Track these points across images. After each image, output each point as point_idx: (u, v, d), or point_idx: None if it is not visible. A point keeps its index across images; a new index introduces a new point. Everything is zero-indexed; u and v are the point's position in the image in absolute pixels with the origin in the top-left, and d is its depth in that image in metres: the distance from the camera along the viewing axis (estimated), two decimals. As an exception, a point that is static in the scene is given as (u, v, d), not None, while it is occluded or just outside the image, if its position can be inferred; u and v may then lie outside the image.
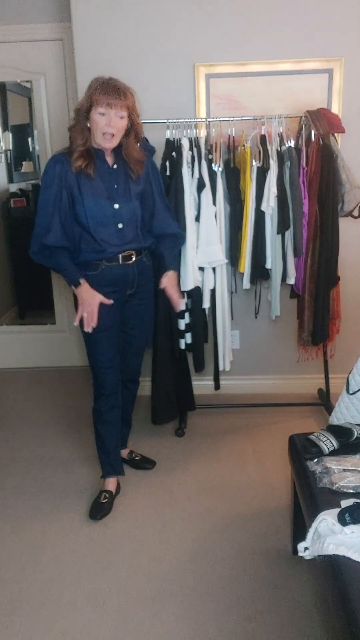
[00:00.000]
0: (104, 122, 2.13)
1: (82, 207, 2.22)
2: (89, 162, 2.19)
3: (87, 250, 2.28)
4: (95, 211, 2.22)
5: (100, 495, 2.49)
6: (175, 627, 1.85)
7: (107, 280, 2.32)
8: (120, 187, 2.27)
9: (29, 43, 3.53)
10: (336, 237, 2.86)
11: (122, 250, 2.31)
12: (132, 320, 2.49)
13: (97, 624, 1.88)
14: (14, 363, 4.10)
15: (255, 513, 2.41)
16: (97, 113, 2.12)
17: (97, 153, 2.23)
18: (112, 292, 2.35)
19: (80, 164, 2.17)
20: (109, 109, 2.11)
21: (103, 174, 2.24)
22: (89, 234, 2.25)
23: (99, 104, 2.11)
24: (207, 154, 2.78)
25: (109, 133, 2.15)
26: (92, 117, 2.14)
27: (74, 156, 2.18)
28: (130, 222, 2.31)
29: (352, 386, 2.10)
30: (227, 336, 2.98)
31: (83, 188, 2.21)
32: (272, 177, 2.70)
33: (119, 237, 2.29)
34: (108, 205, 2.24)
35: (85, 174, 2.19)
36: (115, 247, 2.29)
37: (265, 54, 2.99)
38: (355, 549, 1.43)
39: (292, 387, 3.46)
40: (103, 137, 2.16)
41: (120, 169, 2.28)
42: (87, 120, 2.16)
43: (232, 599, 1.95)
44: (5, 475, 2.78)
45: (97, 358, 2.40)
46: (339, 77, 2.99)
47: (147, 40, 3.01)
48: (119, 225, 2.27)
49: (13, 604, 1.98)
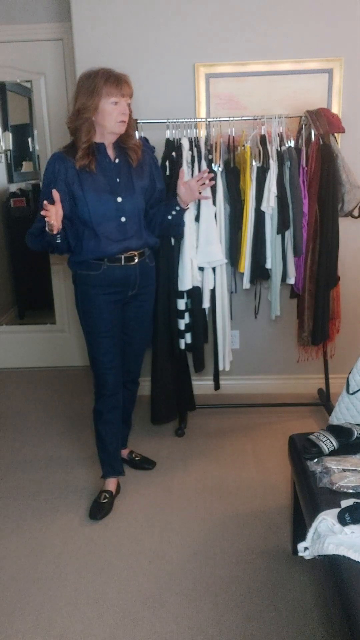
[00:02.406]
0: (118, 111, 2.18)
1: (84, 203, 2.22)
2: (92, 159, 2.21)
3: (88, 248, 2.27)
4: (97, 206, 2.23)
5: (100, 496, 2.49)
6: (175, 627, 1.85)
7: (108, 280, 2.32)
8: (123, 180, 2.28)
9: (29, 43, 3.53)
10: (336, 237, 2.86)
11: (123, 248, 2.30)
12: (133, 321, 2.48)
13: (97, 624, 1.88)
14: (14, 363, 4.10)
15: (255, 513, 2.41)
16: (110, 103, 2.16)
17: (99, 148, 2.25)
18: (114, 293, 2.35)
19: (86, 162, 2.19)
20: (122, 98, 2.17)
21: (105, 169, 2.25)
22: (91, 229, 2.25)
23: (112, 95, 2.15)
24: (207, 154, 2.78)
25: (122, 120, 2.20)
26: (102, 109, 2.16)
27: (78, 154, 2.20)
28: (133, 215, 2.30)
29: (352, 386, 2.10)
30: (227, 336, 2.98)
31: (85, 184, 2.21)
32: (272, 177, 2.70)
33: (121, 230, 2.28)
34: (111, 199, 2.24)
35: (87, 170, 2.21)
36: (116, 243, 2.28)
37: (265, 54, 3.00)
38: (355, 549, 1.43)
39: (292, 387, 3.46)
40: (118, 124, 2.20)
41: (123, 163, 2.30)
42: (95, 115, 2.18)
43: (232, 599, 1.95)
44: (5, 475, 2.78)
45: (98, 359, 2.40)
46: (339, 77, 2.99)
47: (147, 40, 3.01)
48: (121, 218, 2.27)
49: (13, 604, 1.98)
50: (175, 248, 2.77)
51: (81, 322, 2.44)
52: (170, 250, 2.77)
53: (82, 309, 2.39)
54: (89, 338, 2.39)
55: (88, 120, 2.19)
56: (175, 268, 2.79)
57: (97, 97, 2.16)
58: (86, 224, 2.25)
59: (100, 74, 2.18)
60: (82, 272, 2.33)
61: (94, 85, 2.16)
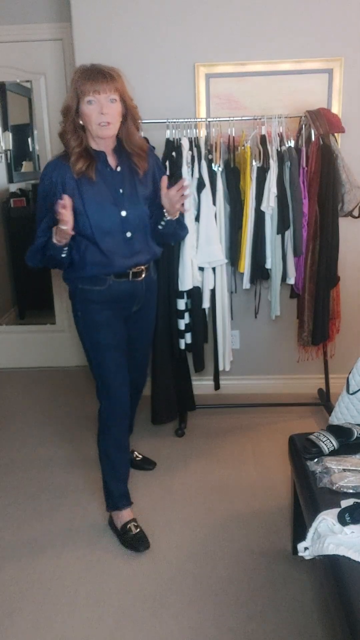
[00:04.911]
0: (96, 111, 1.92)
1: (85, 217, 2.01)
2: (90, 163, 1.99)
3: (94, 264, 2.07)
4: (99, 219, 2.02)
5: (128, 528, 2.24)
6: (175, 627, 1.85)
7: (113, 296, 2.14)
8: (127, 191, 2.07)
9: (29, 43, 3.53)
10: (336, 237, 2.86)
11: (131, 263, 2.12)
12: (136, 336, 2.33)
13: (97, 624, 1.88)
14: (14, 363, 4.10)
15: (255, 513, 2.40)
16: (86, 103, 1.91)
17: (98, 155, 2.03)
18: (118, 309, 2.18)
19: (81, 166, 1.97)
20: (97, 95, 1.90)
21: (106, 178, 2.04)
22: (94, 244, 2.05)
23: (86, 94, 1.89)
24: (207, 154, 2.78)
25: (104, 122, 1.93)
26: (82, 111, 1.93)
27: (72, 159, 1.98)
28: (139, 229, 2.11)
29: (352, 386, 2.10)
30: (227, 336, 2.98)
31: (85, 195, 2.00)
32: (272, 177, 2.70)
33: (128, 247, 2.09)
34: (114, 212, 2.04)
35: (87, 178, 1.99)
36: (123, 259, 2.09)
37: (265, 54, 2.99)
38: (355, 549, 1.43)
39: (292, 387, 3.46)
40: (99, 127, 1.94)
41: (125, 172, 2.08)
42: (79, 118, 1.96)
43: (232, 599, 1.95)
44: (4, 475, 2.77)
45: (108, 377, 2.18)
46: (339, 77, 2.99)
47: (147, 40, 3.01)
48: (127, 234, 2.08)
49: (13, 604, 1.98)
50: (175, 248, 2.77)
51: (83, 340, 2.22)
52: (170, 250, 2.77)
53: (84, 326, 2.18)
54: (95, 355, 2.18)
55: (75, 124, 1.97)
56: (175, 268, 2.79)
57: (76, 98, 1.93)
58: (88, 238, 2.05)
59: (81, 69, 1.94)
60: (85, 287, 2.12)
61: (74, 84, 1.93)
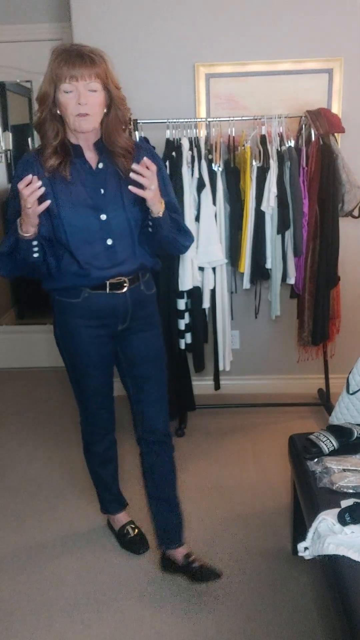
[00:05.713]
0: (73, 102, 1.64)
1: (59, 220, 1.74)
2: (63, 160, 1.73)
3: (68, 273, 1.81)
4: (75, 225, 1.75)
5: (126, 531, 2.25)
6: (175, 627, 1.85)
7: (90, 311, 1.86)
8: (109, 192, 1.78)
9: (29, 43, 3.53)
10: (336, 237, 2.86)
11: (110, 275, 1.82)
12: (132, 359, 1.97)
13: (97, 624, 1.88)
14: (13, 363, 4.10)
15: (255, 513, 2.40)
16: (62, 92, 1.64)
17: (76, 150, 1.76)
18: (98, 327, 1.89)
19: (53, 163, 1.72)
20: (75, 82, 1.62)
21: (84, 177, 1.76)
22: (69, 252, 1.79)
23: (62, 80, 1.63)
24: (207, 153, 2.78)
25: (82, 113, 1.66)
26: (59, 100, 1.66)
27: (45, 153, 1.73)
28: (123, 236, 1.80)
29: (352, 386, 2.10)
30: (227, 336, 2.98)
31: (59, 195, 1.73)
32: (272, 177, 2.70)
33: (108, 256, 1.80)
34: (92, 216, 1.76)
35: (61, 176, 1.73)
36: (102, 270, 1.80)
37: (265, 54, 2.99)
38: (355, 549, 1.43)
39: (292, 387, 3.46)
40: (76, 118, 1.67)
41: (109, 169, 1.79)
42: (56, 107, 1.69)
43: (232, 599, 1.95)
44: (4, 475, 2.77)
45: (86, 402, 2.05)
46: (339, 77, 2.99)
47: (147, 40, 3.01)
48: (107, 241, 1.79)
49: (13, 604, 1.98)
50: (175, 248, 2.77)
51: (62, 357, 1.99)
52: (170, 250, 2.77)
53: (63, 342, 1.95)
54: (73, 377, 1.99)
55: (52, 113, 1.70)
56: (176, 268, 2.79)
57: (53, 82, 1.65)
58: (64, 245, 1.78)
59: (58, 50, 1.67)
60: (62, 299, 1.88)
61: (50, 67, 1.67)
